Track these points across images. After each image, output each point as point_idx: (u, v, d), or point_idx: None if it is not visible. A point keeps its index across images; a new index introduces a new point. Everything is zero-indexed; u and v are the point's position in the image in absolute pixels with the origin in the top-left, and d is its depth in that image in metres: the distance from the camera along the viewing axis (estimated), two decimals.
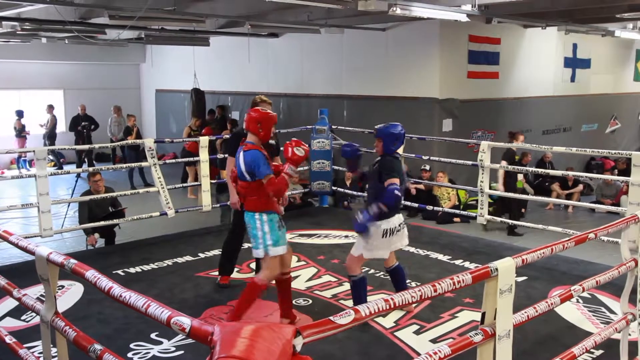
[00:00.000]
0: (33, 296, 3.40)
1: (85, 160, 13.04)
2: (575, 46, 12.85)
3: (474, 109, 10.81)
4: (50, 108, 14.79)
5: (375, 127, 4.48)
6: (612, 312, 4.78)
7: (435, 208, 8.25)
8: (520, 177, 10.59)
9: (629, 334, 3.77)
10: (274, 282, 4.42)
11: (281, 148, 4.60)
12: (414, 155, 7.95)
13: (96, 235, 6.89)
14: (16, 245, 3.12)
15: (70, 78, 16.24)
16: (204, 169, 7.23)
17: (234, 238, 5.39)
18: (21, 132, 14.67)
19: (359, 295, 4.49)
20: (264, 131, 4.14)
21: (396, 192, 4.09)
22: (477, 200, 7.05)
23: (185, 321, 2.02)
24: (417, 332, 4.40)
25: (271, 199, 4.15)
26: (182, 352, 4.06)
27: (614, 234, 3.94)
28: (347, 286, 5.37)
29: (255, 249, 4.23)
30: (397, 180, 4.16)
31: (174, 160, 9.87)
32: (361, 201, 10.16)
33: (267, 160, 4.12)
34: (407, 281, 4.85)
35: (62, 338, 2.89)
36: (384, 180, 4.20)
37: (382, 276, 5.63)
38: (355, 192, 8.85)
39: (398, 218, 4.43)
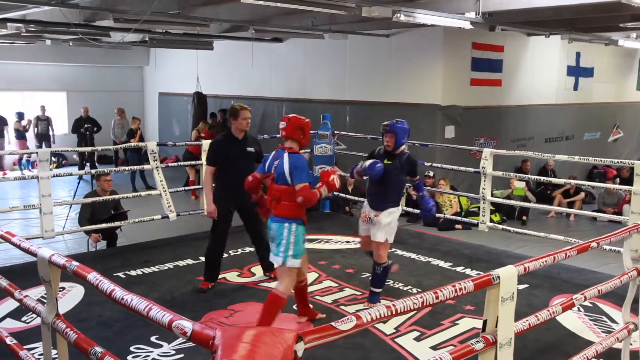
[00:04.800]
0: (34, 297, 3.39)
1: (88, 163, 13.06)
2: (578, 55, 12.86)
3: (476, 116, 10.81)
4: (42, 109, 14.77)
5: (385, 123, 4.91)
6: (613, 321, 4.77)
7: (437, 214, 8.25)
8: (522, 184, 10.60)
9: (631, 344, 3.76)
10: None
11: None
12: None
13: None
14: (18, 246, 3.12)
15: (74, 80, 16.28)
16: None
17: (218, 246, 5.42)
18: (21, 134, 14.68)
19: (383, 280, 5.03)
20: (305, 137, 4.31)
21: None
22: (478, 207, 7.05)
23: (187, 325, 2.01)
24: (417, 339, 4.39)
25: (302, 207, 4.21)
26: (182, 355, 4.05)
27: (616, 243, 3.93)
28: (347, 292, 5.38)
29: (275, 256, 4.25)
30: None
31: (176, 164, 9.89)
32: (361, 206, 10.16)
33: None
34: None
35: (62, 340, 2.89)
36: (413, 176, 4.99)
37: None
38: (356, 198, 8.85)
39: None
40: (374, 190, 4.95)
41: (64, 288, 5.24)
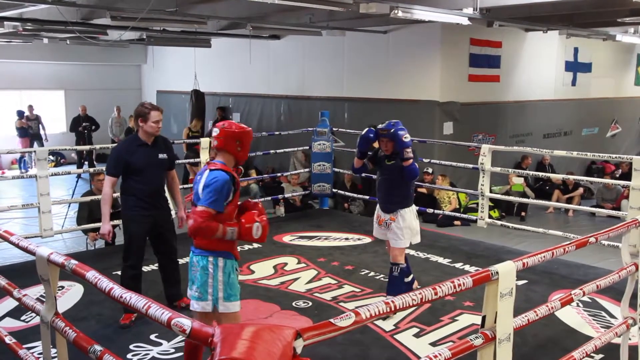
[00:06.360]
0: (33, 296, 3.39)
1: (86, 161, 13.04)
2: (576, 50, 12.85)
3: (474, 112, 10.81)
4: (30, 108, 14.73)
5: (382, 127, 4.64)
6: (612, 316, 4.78)
7: (436, 211, 8.25)
8: (520, 180, 10.61)
9: (629, 339, 3.76)
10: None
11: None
12: None
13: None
14: (17, 245, 3.11)
15: (72, 78, 16.26)
16: None
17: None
18: (24, 132, 14.64)
19: (402, 283, 4.72)
20: (243, 150, 3.40)
21: (417, 168, 4.61)
22: (477, 204, 7.06)
23: (186, 322, 2.01)
24: (417, 335, 4.40)
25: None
26: (181, 353, 4.05)
27: (615, 238, 3.94)
28: (347, 288, 5.38)
29: (198, 300, 3.35)
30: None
31: None
32: (361, 203, 10.17)
33: (230, 194, 3.29)
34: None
35: (62, 339, 2.89)
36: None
37: (382, 279, 5.62)
38: (355, 195, 8.87)
39: None
40: (383, 192, 4.78)
41: (63, 287, 5.24)
